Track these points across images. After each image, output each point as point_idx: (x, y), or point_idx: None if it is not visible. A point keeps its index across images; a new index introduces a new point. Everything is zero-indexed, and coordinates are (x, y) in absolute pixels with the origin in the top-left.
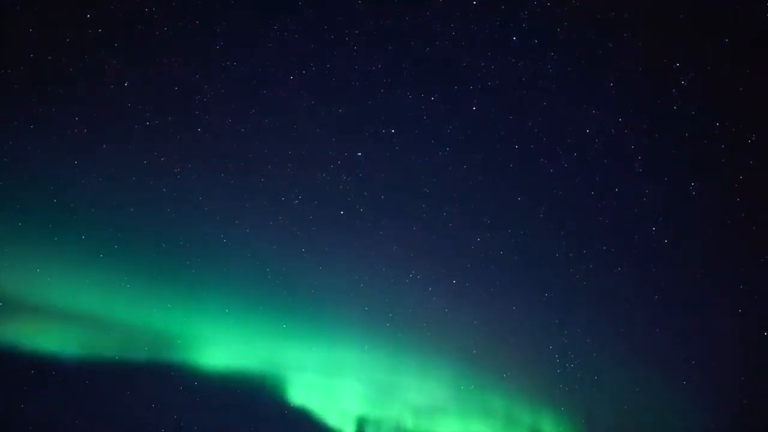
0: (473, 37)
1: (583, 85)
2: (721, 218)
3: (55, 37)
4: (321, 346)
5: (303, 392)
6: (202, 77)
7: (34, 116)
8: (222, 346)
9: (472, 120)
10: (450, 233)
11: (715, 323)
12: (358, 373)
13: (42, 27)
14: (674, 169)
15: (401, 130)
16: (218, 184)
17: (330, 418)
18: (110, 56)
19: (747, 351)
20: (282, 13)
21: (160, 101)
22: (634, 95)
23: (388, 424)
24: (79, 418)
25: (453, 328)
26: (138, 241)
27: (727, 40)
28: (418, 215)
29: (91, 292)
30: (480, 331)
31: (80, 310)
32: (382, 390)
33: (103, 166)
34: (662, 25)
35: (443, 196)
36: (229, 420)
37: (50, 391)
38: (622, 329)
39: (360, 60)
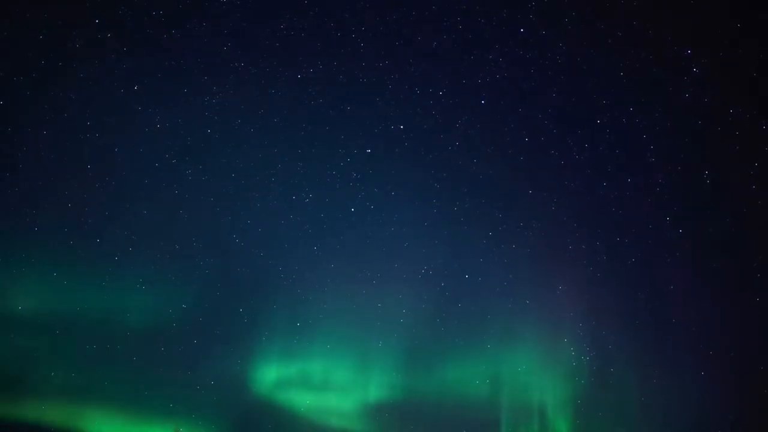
0: (481, 30)
1: (592, 76)
2: (736, 207)
3: (65, 42)
4: (333, 344)
5: (311, 392)
6: (210, 79)
7: (46, 121)
8: (233, 344)
9: (482, 113)
10: (461, 228)
11: (733, 313)
12: (373, 369)
13: (51, 32)
14: (687, 158)
15: (410, 125)
16: (229, 184)
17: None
18: (120, 60)
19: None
20: (288, 12)
21: (170, 104)
22: (645, 84)
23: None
24: None
25: (466, 323)
26: (151, 242)
27: (739, 25)
28: (429, 211)
29: (106, 294)
30: (493, 325)
31: (96, 312)
32: (397, 387)
33: (115, 170)
34: (671, 11)
35: (454, 191)
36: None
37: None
38: (638, 321)
39: (367, 57)
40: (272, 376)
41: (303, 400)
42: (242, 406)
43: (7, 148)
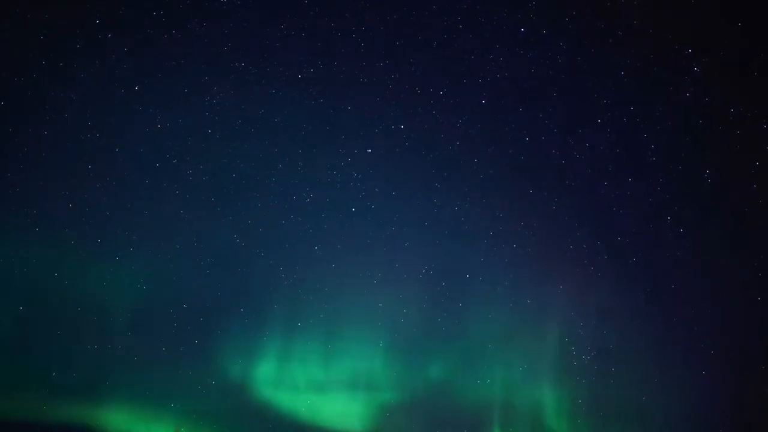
0: (481, 29)
1: (593, 75)
2: (737, 206)
3: (65, 42)
4: (333, 344)
5: (312, 392)
6: (210, 79)
7: (46, 121)
8: (233, 344)
9: (482, 113)
10: (462, 228)
11: (733, 313)
12: (374, 370)
13: (51, 32)
14: (688, 157)
15: (411, 125)
16: (230, 184)
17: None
18: (120, 60)
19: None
20: (288, 12)
21: (170, 104)
22: (645, 83)
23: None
24: None
25: (467, 324)
26: (152, 243)
27: (740, 24)
28: (430, 210)
29: (106, 294)
30: (494, 325)
31: (96, 311)
32: (398, 387)
33: (116, 170)
34: (671, 11)
35: (454, 190)
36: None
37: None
38: (639, 320)
39: (367, 57)
40: (272, 376)
41: (303, 401)
42: (242, 406)
43: (7, 148)
